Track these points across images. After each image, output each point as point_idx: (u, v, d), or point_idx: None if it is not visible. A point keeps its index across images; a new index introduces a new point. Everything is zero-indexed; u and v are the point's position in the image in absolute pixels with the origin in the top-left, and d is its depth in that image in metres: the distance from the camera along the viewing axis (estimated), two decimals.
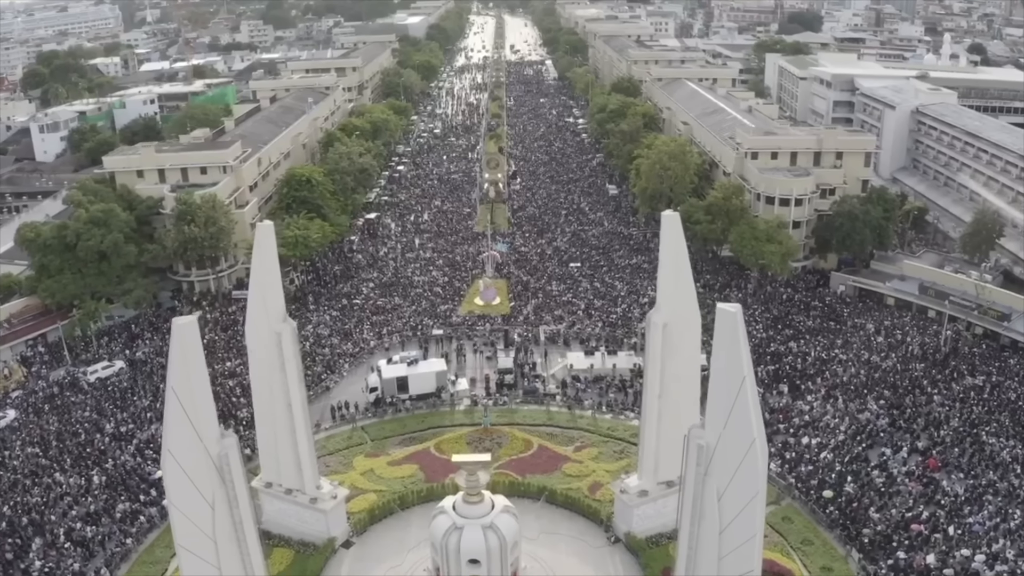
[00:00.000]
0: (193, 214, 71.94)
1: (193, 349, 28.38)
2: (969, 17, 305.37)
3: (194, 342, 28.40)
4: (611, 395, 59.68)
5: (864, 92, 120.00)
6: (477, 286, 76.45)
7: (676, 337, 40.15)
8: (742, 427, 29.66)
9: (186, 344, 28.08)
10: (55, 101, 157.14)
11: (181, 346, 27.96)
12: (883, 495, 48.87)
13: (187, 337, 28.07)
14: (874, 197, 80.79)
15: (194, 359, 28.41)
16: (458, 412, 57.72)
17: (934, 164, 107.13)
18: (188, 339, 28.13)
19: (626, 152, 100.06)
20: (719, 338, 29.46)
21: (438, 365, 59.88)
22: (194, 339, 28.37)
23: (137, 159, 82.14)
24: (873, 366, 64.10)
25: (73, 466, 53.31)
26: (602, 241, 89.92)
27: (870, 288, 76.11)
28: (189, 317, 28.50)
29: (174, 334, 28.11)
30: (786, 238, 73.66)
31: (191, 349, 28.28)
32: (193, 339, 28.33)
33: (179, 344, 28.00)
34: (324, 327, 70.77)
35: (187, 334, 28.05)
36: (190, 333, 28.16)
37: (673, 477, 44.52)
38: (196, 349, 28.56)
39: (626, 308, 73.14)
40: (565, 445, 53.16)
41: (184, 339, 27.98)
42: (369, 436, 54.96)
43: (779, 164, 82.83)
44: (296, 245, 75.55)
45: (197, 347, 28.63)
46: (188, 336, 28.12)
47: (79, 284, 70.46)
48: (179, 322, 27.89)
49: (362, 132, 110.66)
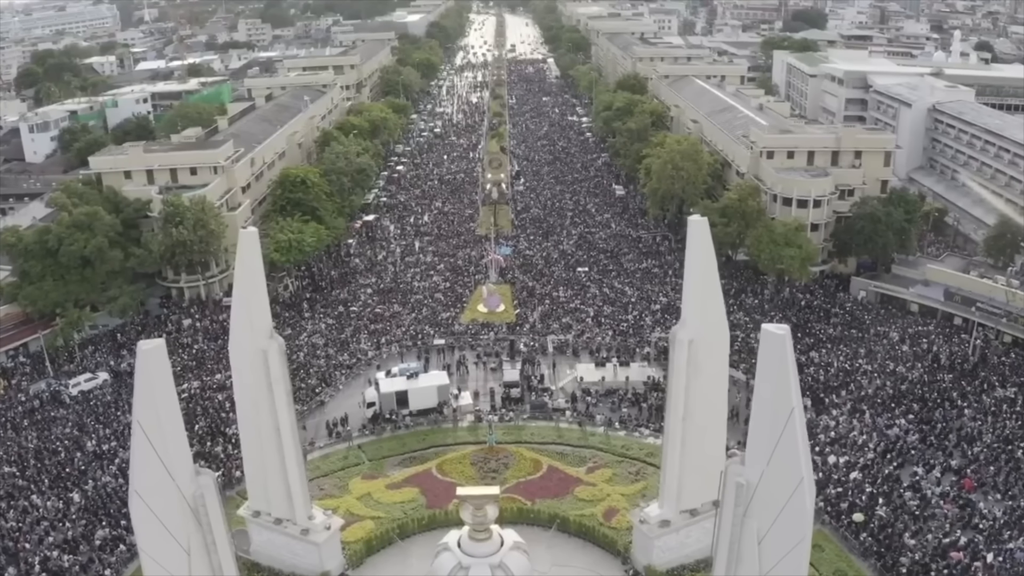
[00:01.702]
0: (181, 217, 68.31)
1: (161, 377, 24.82)
2: (973, 15, 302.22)
3: (162, 369, 24.84)
4: (624, 410, 56.12)
5: (878, 89, 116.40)
6: (480, 292, 72.85)
7: (702, 354, 36.58)
8: (789, 464, 26.26)
9: (152, 372, 24.53)
10: (47, 100, 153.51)
11: (147, 374, 24.42)
12: (917, 519, 45.75)
13: (154, 364, 24.51)
14: (895, 198, 77.25)
15: (162, 388, 24.86)
16: (461, 429, 54.09)
17: (952, 163, 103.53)
18: (155, 366, 24.58)
19: (634, 151, 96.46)
20: (764, 364, 26.03)
21: (440, 379, 56.31)
22: (162, 366, 24.81)
23: (124, 159, 78.54)
24: (899, 377, 60.82)
25: (51, 487, 50.10)
26: (610, 244, 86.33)
27: (893, 294, 72.63)
28: (155, 341, 24.89)
29: (139, 360, 24.60)
30: (806, 242, 70.10)
31: (159, 377, 24.72)
32: (160, 366, 24.77)
33: (145, 372, 24.46)
34: (319, 336, 67.19)
35: (153, 360, 24.49)
36: (157, 359, 24.59)
37: (696, 505, 41.19)
38: (164, 377, 25.00)
39: (637, 315, 69.57)
40: (576, 466, 49.58)
41: (150, 366, 24.43)
42: (366, 456, 51.37)
43: (795, 164, 79.27)
44: (290, 250, 72.00)
45: (166, 374, 25.07)
46: (155, 362, 24.56)
47: (62, 291, 66.90)
48: (144, 347, 24.32)
49: (360, 131, 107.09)
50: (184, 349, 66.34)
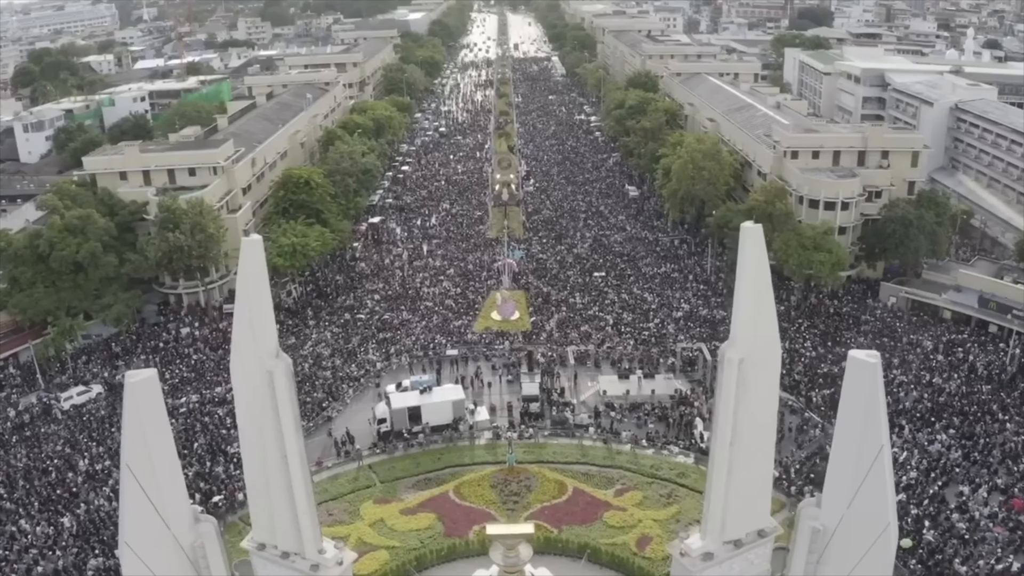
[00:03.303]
0: (178, 220, 64.78)
1: (153, 413, 21.44)
2: (979, 13, 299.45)
3: (153, 404, 21.45)
4: (651, 425, 52.78)
5: (897, 88, 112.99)
6: (494, 299, 69.45)
7: (753, 375, 33.02)
8: (874, 507, 23.05)
9: (143, 407, 21.16)
10: (43, 99, 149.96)
11: (136, 410, 21.05)
12: (967, 543, 42.91)
13: (144, 398, 21.13)
14: (924, 200, 73.96)
15: (155, 426, 21.49)
16: (479, 447, 50.70)
17: (976, 164, 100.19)
18: (145, 400, 21.19)
19: (649, 151, 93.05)
20: (850, 394, 22.77)
21: (455, 393, 52.89)
22: (153, 400, 21.42)
23: (120, 160, 74.99)
24: (936, 389, 57.67)
25: (41, 511, 46.86)
26: (626, 247, 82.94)
27: (925, 300, 69.30)
28: (145, 372, 21.46)
29: (127, 395, 21.24)
30: (836, 246, 66.76)
31: (150, 413, 21.34)
32: (152, 400, 21.37)
33: (134, 408, 21.09)
34: (324, 346, 63.78)
35: (144, 394, 21.10)
36: (147, 392, 21.20)
37: (741, 535, 37.93)
38: (157, 413, 21.61)
39: (659, 323, 66.18)
40: (604, 488, 46.22)
41: (140, 401, 21.06)
42: (378, 477, 47.97)
43: (820, 164, 75.91)
44: (294, 254, 68.56)
45: (158, 410, 21.68)
46: (145, 396, 21.17)
47: (53, 298, 63.67)
48: (133, 379, 20.94)
49: (364, 130, 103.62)
50: (182, 360, 62.97)
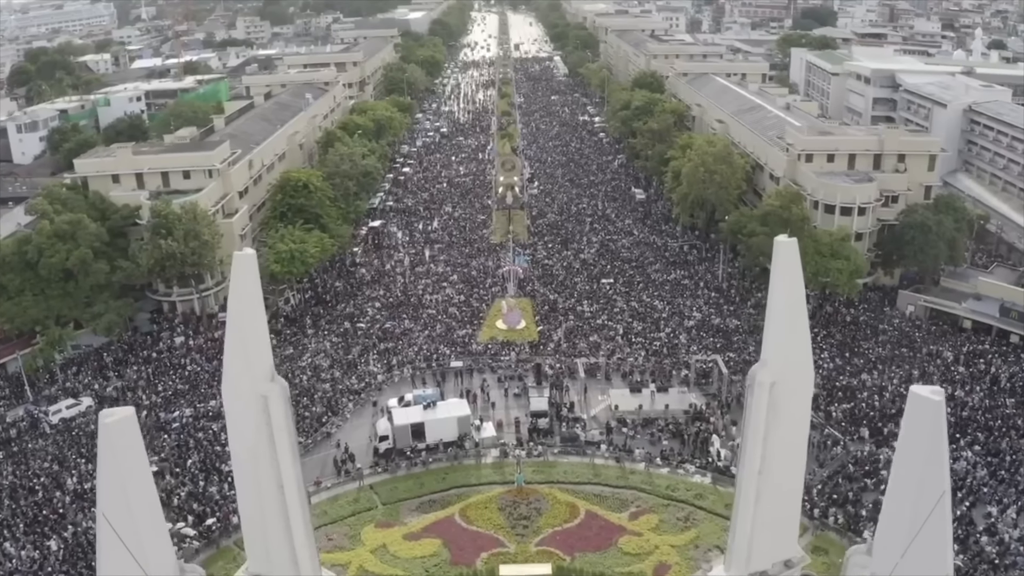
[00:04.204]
0: (170, 226, 62.34)
1: (131, 457, 19.13)
2: (982, 14, 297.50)
3: (132, 446, 19.11)
4: (665, 442, 50.50)
5: (908, 89, 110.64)
6: (499, 307, 67.09)
7: (784, 399, 30.79)
8: (932, 558, 20.76)
9: (119, 450, 18.86)
10: (38, 99, 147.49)
11: (112, 454, 18.77)
12: (997, 568, 40.72)
13: (121, 440, 18.80)
14: (942, 205, 71.70)
15: (133, 471, 19.18)
16: (485, 466, 48.38)
17: (990, 167, 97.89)
18: (122, 443, 18.87)
19: (657, 153, 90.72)
20: (911, 435, 20.48)
21: (460, 409, 50.58)
22: (131, 442, 19.08)
23: (112, 162, 72.56)
24: (958, 402, 55.43)
25: (27, 533, 44.55)
26: (634, 253, 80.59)
27: (943, 309, 67.07)
28: (122, 411, 19.10)
29: (102, 437, 18.94)
30: (854, 253, 64.47)
31: (128, 457, 19.03)
32: (130, 442, 19.03)
33: (109, 451, 18.80)
34: (323, 356, 61.41)
35: (120, 436, 18.76)
36: (125, 434, 18.84)
37: (767, 566, 35.74)
38: (135, 456, 19.30)
39: (671, 333, 63.86)
40: (618, 511, 43.95)
41: (116, 443, 18.74)
42: (380, 498, 45.66)
43: (835, 168, 73.64)
44: (292, 261, 66.15)
45: (137, 453, 19.36)
46: (122, 439, 18.83)
47: (42, 307, 61.38)
48: (108, 419, 18.58)
49: (364, 131, 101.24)
50: (176, 371, 60.62)
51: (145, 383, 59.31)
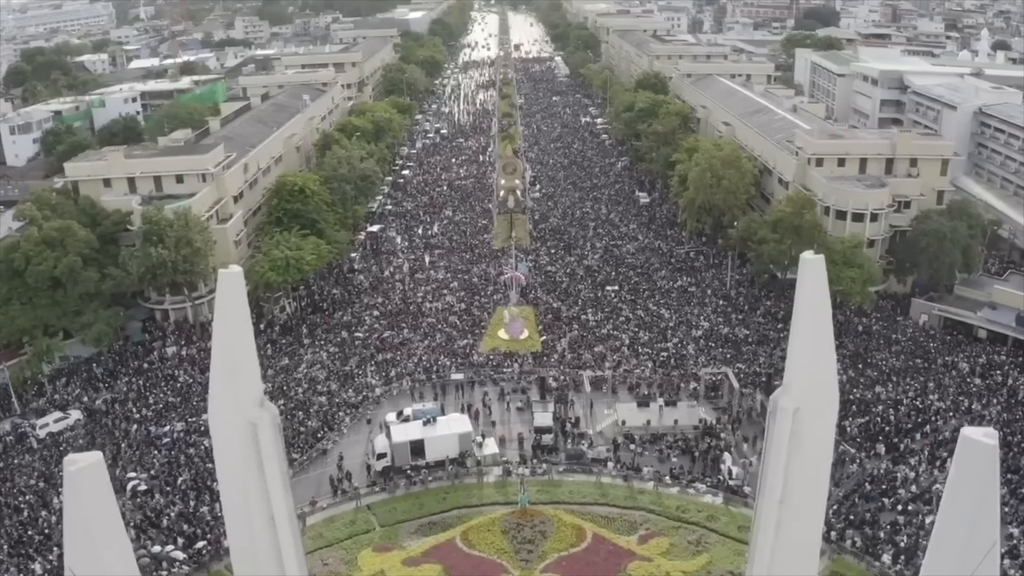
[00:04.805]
0: (161, 234, 60.33)
1: (99, 506, 17.18)
2: (985, 14, 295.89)
3: (100, 494, 17.18)
4: (674, 459, 48.60)
5: (917, 91, 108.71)
6: (500, 316, 65.13)
7: (808, 426, 28.82)
8: None
9: (86, 500, 16.92)
10: (33, 100, 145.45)
11: (79, 504, 16.86)
12: None
13: (88, 489, 16.88)
14: (956, 211, 69.82)
15: (103, 522, 17.23)
16: (487, 486, 46.44)
17: (1001, 171, 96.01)
18: (90, 492, 16.94)
19: (662, 156, 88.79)
20: (960, 479, 18.62)
21: (461, 424, 48.63)
22: (100, 490, 17.14)
23: (103, 166, 70.55)
24: (975, 416, 53.60)
25: (11, 555, 42.67)
26: (639, 258, 78.62)
27: (958, 318, 65.19)
28: (88, 457, 17.15)
29: (67, 486, 17.02)
30: (868, 261, 62.58)
31: (96, 507, 17.09)
32: (98, 490, 17.10)
33: (76, 501, 16.90)
34: (319, 368, 59.45)
35: (88, 484, 16.84)
36: (93, 482, 16.92)
37: None
38: (105, 505, 17.35)
39: (678, 343, 61.94)
40: (626, 533, 42.04)
41: (83, 492, 16.81)
42: (377, 520, 43.74)
43: (845, 172, 71.74)
44: (287, 268, 64.10)
45: (106, 501, 17.42)
46: (89, 487, 16.91)
47: (29, 316, 59.45)
48: (73, 467, 16.68)
49: (363, 133, 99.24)
50: (167, 382, 58.66)
51: (136, 395, 57.37)
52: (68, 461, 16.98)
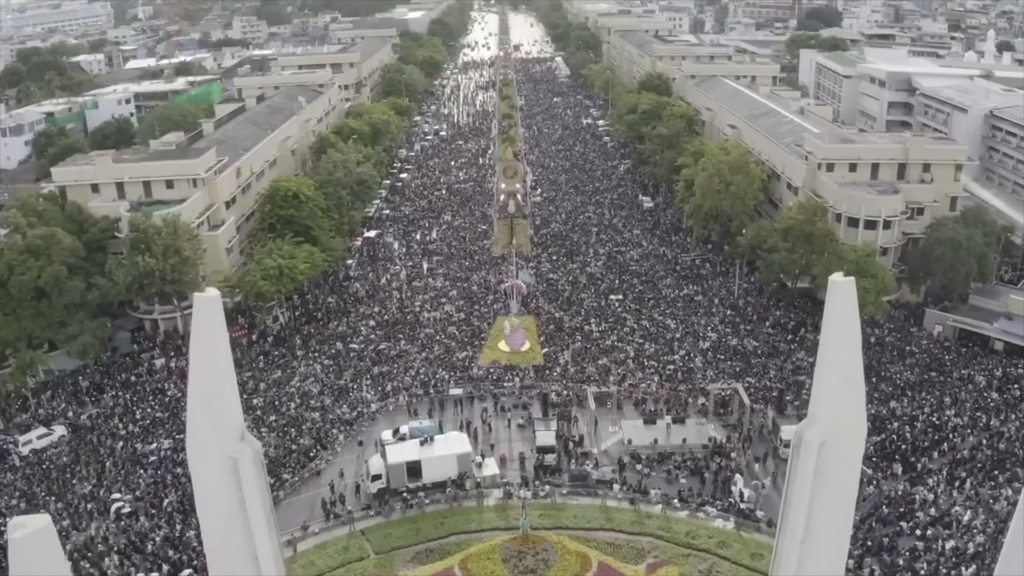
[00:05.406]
0: (149, 242, 58.11)
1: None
2: (987, 14, 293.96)
3: (49, 565, 15.04)
4: (683, 481, 46.47)
5: (926, 93, 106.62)
6: (501, 326, 62.98)
7: (834, 460, 26.82)
8: None
9: (34, 569, 14.77)
10: (26, 100, 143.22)
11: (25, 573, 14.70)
12: None
13: (35, 559, 14.74)
14: (970, 218, 67.76)
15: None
16: (487, 510, 44.28)
17: (1013, 175, 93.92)
18: (37, 562, 14.80)
19: (667, 159, 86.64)
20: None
21: (460, 445, 46.47)
22: (49, 560, 15.01)
23: (91, 170, 68.32)
24: (994, 433, 51.57)
25: None
26: (643, 266, 76.43)
27: (973, 329, 63.08)
28: (35, 521, 15.09)
29: (12, 555, 14.89)
30: (881, 270, 60.46)
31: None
32: (48, 561, 14.97)
33: (22, 571, 14.72)
34: (313, 381, 57.28)
35: (34, 553, 14.72)
36: (41, 551, 14.80)
37: None
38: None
39: (685, 355, 59.79)
40: (633, 562, 39.92)
41: (29, 563, 14.67)
42: (372, 546, 41.61)
43: (857, 177, 69.61)
44: (280, 277, 61.93)
45: (57, 569, 15.29)
46: (37, 557, 14.79)
47: (13, 328, 57.40)
48: (17, 533, 14.55)
49: (360, 135, 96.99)
50: (155, 396, 56.50)
51: (122, 410, 55.23)
52: (12, 526, 14.94)
